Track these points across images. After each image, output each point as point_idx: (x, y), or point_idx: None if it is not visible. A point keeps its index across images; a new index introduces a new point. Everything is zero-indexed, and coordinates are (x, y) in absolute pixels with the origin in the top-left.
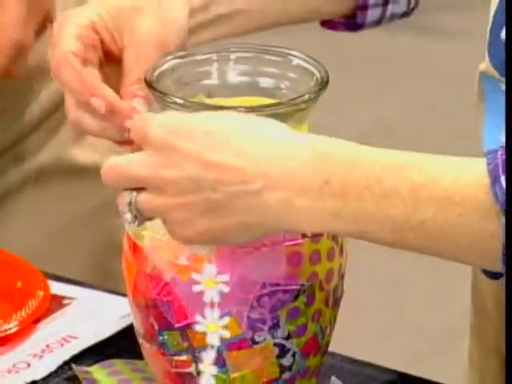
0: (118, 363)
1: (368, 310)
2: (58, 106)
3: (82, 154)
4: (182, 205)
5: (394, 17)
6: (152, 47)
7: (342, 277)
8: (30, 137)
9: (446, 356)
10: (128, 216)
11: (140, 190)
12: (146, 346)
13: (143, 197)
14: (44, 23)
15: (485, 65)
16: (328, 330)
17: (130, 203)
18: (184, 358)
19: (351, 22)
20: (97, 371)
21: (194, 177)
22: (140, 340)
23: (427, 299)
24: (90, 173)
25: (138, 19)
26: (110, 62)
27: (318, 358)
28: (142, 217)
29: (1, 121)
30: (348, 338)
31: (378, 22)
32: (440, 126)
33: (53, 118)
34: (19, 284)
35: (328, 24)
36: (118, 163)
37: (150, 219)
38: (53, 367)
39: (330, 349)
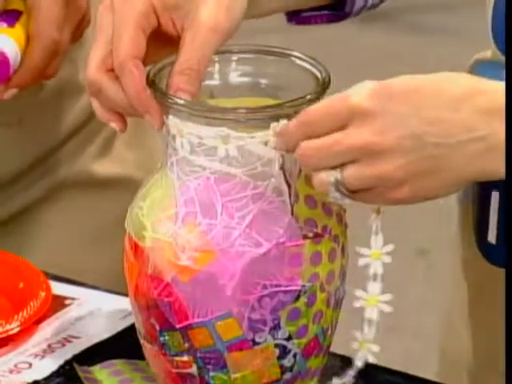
0: (119, 363)
1: None
2: (89, 120)
3: (105, 167)
4: (401, 167)
5: (364, 8)
6: (209, 32)
7: (343, 278)
8: (60, 150)
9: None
10: (336, 195)
11: (342, 167)
12: (147, 347)
13: (352, 170)
14: (81, 25)
15: (491, 52)
16: (329, 332)
17: (335, 182)
18: (185, 358)
19: (336, 13)
20: (98, 371)
21: (417, 133)
22: (141, 340)
23: (426, 300)
24: (112, 185)
25: (199, 3)
26: (161, 41)
27: (319, 359)
28: (348, 192)
29: (33, 134)
30: (349, 339)
31: (359, 12)
32: None
33: (83, 132)
34: (21, 285)
35: (300, 18)
36: (324, 141)
37: (355, 192)
38: (54, 367)
39: (331, 349)
